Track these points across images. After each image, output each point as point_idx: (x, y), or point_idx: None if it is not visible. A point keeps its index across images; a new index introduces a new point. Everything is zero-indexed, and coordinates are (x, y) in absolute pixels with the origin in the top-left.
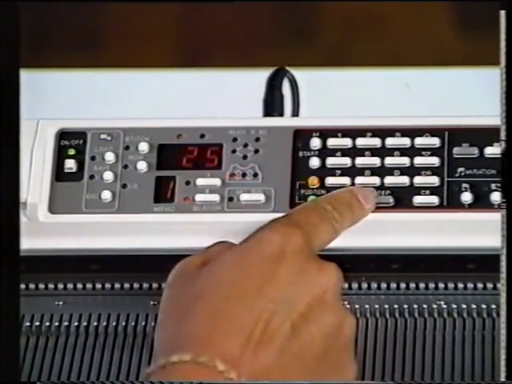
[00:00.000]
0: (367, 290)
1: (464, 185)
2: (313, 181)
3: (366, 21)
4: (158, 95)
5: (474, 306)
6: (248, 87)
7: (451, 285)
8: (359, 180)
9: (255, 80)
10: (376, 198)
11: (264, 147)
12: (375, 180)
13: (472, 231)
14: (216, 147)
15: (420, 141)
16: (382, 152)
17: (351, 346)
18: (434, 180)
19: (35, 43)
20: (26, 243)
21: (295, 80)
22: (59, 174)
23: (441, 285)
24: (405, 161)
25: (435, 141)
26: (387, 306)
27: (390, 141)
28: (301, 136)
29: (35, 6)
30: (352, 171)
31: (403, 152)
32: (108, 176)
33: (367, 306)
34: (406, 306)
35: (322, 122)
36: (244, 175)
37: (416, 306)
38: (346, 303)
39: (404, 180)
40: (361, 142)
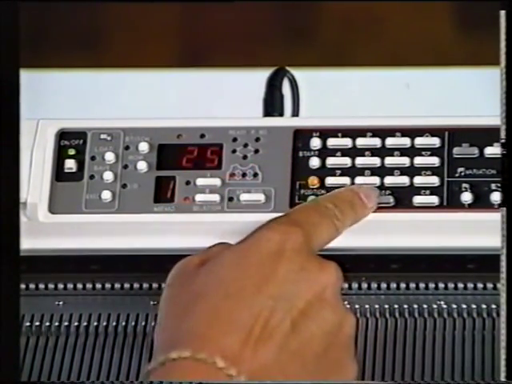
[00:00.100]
0: (367, 290)
1: (464, 185)
2: (313, 181)
3: (366, 21)
4: (158, 95)
5: (474, 306)
6: (248, 87)
7: (451, 285)
8: (359, 180)
9: (255, 80)
10: (378, 197)
11: (264, 147)
12: (375, 180)
13: (472, 231)
14: (216, 147)
15: (420, 141)
16: (382, 152)
17: (351, 345)
18: (434, 180)
19: (35, 43)
20: (26, 243)
21: (295, 80)
22: (59, 174)
23: (441, 285)
24: (405, 161)
25: (435, 141)
26: (387, 306)
27: (390, 141)
28: (301, 136)
29: (35, 6)
30: (352, 171)
31: (403, 152)
32: (108, 176)
33: (367, 306)
34: (406, 306)
35: (322, 122)
36: (244, 175)
37: (416, 306)
38: (346, 303)
39: (404, 180)
40: (361, 142)
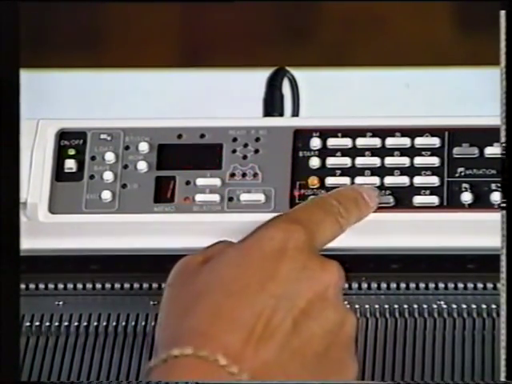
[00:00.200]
0: (367, 290)
1: (464, 185)
2: (313, 181)
3: (366, 21)
4: (158, 95)
5: (474, 306)
6: (248, 87)
7: (451, 285)
8: (359, 180)
9: (255, 80)
10: (378, 197)
11: (264, 147)
12: (375, 180)
13: (472, 231)
14: (216, 147)
15: (420, 141)
16: (382, 152)
17: (352, 345)
18: (434, 180)
19: (35, 43)
20: (26, 243)
21: (295, 80)
22: (59, 174)
23: (441, 285)
24: (405, 161)
25: (435, 141)
26: (387, 306)
27: (390, 141)
28: (301, 136)
29: (35, 6)
30: (352, 171)
31: (403, 152)
32: (108, 176)
33: (367, 306)
34: (406, 306)
35: (322, 122)
36: (244, 175)
37: (416, 306)
38: (346, 303)
39: (404, 180)
40: (361, 142)
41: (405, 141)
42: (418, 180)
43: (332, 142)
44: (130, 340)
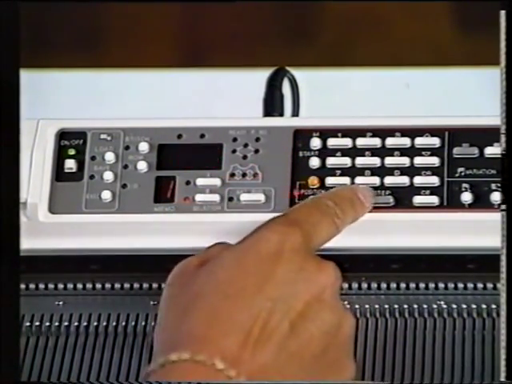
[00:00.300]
0: (367, 290)
1: (464, 185)
2: (313, 181)
3: (367, 21)
4: (158, 95)
5: (474, 306)
6: (248, 87)
7: (451, 285)
8: (359, 180)
9: (255, 80)
10: (373, 198)
11: (264, 147)
12: (375, 180)
13: (472, 231)
14: (216, 147)
15: (420, 141)
16: (382, 152)
17: (350, 345)
18: (434, 180)
19: (35, 43)
20: (26, 243)
21: (295, 80)
22: (59, 174)
23: (441, 285)
24: (405, 161)
25: (435, 141)
26: (387, 306)
27: (390, 141)
28: (301, 136)
29: (35, 6)
30: (352, 171)
31: (403, 152)
32: (108, 176)
33: (367, 306)
34: (406, 306)
35: (322, 122)
36: (244, 175)
37: (416, 306)
38: (346, 303)
39: (404, 180)
40: (361, 142)
41: (405, 141)
42: (418, 180)
43: (332, 142)
44: (130, 340)
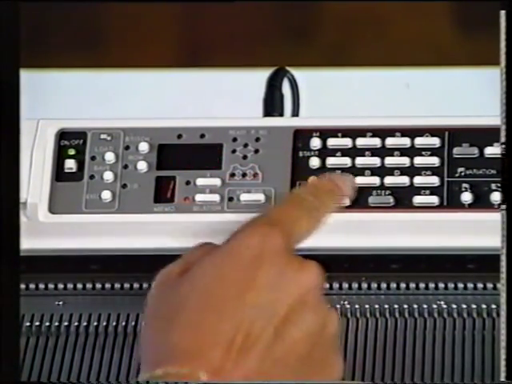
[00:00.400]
0: (367, 290)
1: (464, 185)
2: None
3: (366, 21)
4: (158, 95)
5: (474, 306)
6: (248, 87)
7: (451, 285)
8: (359, 180)
9: (255, 80)
10: (353, 184)
11: (264, 147)
12: (375, 180)
13: (472, 231)
14: (216, 147)
15: (420, 141)
16: (382, 152)
17: (336, 343)
18: (434, 180)
19: (35, 43)
20: (26, 243)
21: (295, 80)
22: (59, 174)
23: (441, 285)
24: (405, 161)
25: (435, 141)
26: (387, 306)
27: (390, 141)
28: (301, 136)
29: (35, 6)
30: (352, 171)
31: (403, 152)
32: (108, 176)
33: (367, 306)
34: (406, 306)
35: (322, 122)
36: (244, 175)
37: (416, 306)
38: (347, 303)
39: (404, 180)
40: (361, 142)
41: (405, 141)
42: (418, 180)
43: (332, 142)
44: (130, 340)
